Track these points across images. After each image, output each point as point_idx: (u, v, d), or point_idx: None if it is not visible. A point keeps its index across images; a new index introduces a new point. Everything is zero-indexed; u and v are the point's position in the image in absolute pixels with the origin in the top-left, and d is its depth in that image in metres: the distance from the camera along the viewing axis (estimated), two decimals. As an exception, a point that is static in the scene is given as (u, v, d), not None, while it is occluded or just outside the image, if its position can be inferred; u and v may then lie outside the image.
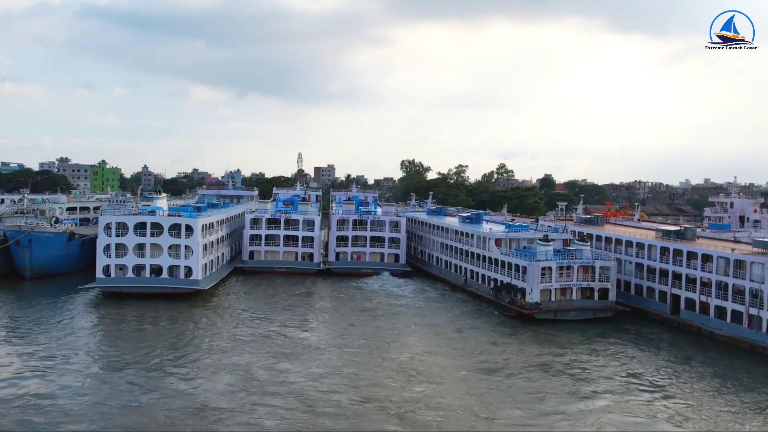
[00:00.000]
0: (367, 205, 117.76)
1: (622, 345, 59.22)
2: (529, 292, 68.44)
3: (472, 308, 73.33)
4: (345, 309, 70.69)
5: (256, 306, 71.38)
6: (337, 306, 72.78)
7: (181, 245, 76.14)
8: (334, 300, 76.56)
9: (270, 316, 66.10)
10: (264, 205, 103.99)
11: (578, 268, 69.67)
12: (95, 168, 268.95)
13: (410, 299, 77.56)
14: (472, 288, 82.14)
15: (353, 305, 72.97)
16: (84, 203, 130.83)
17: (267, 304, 72.30)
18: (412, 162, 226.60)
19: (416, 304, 74.36)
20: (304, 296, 78.30)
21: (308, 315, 67.70)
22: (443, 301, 77.76)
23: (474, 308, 73.47)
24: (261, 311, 68.49)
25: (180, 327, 61.19)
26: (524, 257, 70.53)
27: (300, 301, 74.88)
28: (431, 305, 74.28)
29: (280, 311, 68.64)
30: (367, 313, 68.69)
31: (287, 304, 72.36)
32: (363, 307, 71.86)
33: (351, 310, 69.96)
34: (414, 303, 75.36)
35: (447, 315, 69.52)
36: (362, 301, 75.29)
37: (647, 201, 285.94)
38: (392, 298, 77.86)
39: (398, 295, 79.53)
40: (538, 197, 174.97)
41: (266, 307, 70.52)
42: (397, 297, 78.49)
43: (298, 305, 72.26)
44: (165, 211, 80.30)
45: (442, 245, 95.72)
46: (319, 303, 74.69)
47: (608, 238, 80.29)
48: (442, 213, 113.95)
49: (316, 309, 71.10)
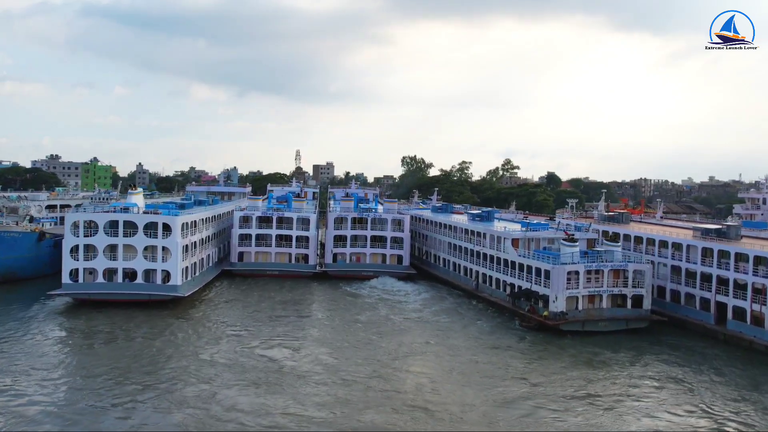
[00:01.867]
0: (367, 202, 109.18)
1: (667, 364, 50.49)
2: (552, 300, 59.82)
3: (487, 319, 64.49)
4: (341, 321, 61.60)
5: (239, 317, 62.47)
6: (332, 317, 63.69)
7: (157, 246, 67.47)
8: (330, 309, 67.52)
9: (254, 330, 57.13)
10: (255, 202, 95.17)
11: (609, 272, 61.10)
12: (87, 165, 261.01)
13: (416, 308, 68.77)
14: (485, 294, 73.50)
15: (351, 316, 64.04)
16: (65, 201, 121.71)
17: (253, 315, 63.42)
18: (413, 158, 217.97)
19: (423, 315, 65.47)
20: (296, 304, 69.43)
21: (298, 330, 58.07)
22: (454, 310, 68.68)
23: (490, 319, 64.65)
24: (244, 324, 59.61)
25: (149, 344, 52.24)
26: (547, 260, 61.91)
27: (291, 311, 65.94)
28: (440, 316, 65.31)
29: (267, 324, 59.63)
30: (367, 327, 59.64)
31: (276, 315, 63.46)
32: (362, 319, 62.83)
33: (348, 324, 60.89)
34: (420, 313, 66.53)
35: (459, 328, 60.59)
36: (361, 311, 66.45)
37: (653, 199, 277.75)
38: (395, 307, 69.10)
39: (402, 303, 70.86)
40: (547, 194, 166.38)
41: (251, 319, 61.59)
42: (401, 305, 69.76)
43: (288, 316, 63.28)
44: (141, 208, 71.58)
45: (450, 245, 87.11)
46: (313, 313, 65.70)
47: (638, 238, 71.55)
48: (448, 210, 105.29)
49: (309, 321, 61.93)
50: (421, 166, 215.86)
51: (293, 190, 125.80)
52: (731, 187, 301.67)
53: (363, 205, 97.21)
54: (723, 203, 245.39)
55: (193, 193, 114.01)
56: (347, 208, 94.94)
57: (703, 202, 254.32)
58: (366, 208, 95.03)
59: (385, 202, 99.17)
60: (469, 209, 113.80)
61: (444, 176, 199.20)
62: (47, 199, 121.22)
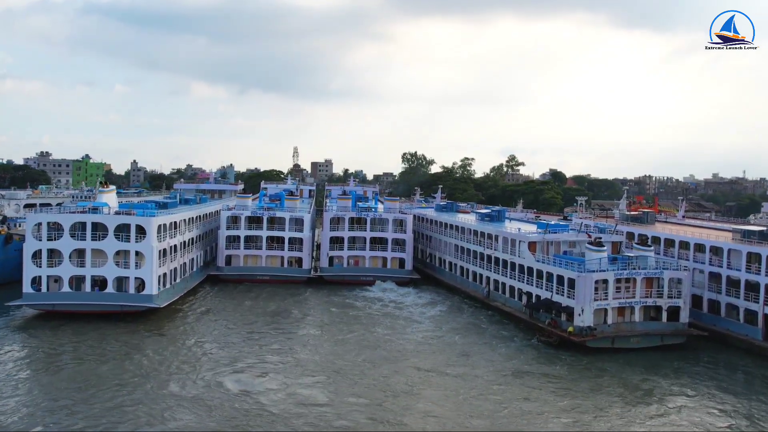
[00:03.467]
0: (367, 200, 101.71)
1: (722, 390, 43.05)
2: (578, 313, 52.35)
3: (502, 335, 56.86)
4: (335, 341, 53.38)
5: (221, 334, 54.57)
6: (325, 335, 55.55)
7: (130, 251, 59.93)
8: (324, 324, 59.36)
9: (235, 352, 49.04)
10: (244, 200, 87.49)
11: (642, 280, 53.70)
12: (78, 163, 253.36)
13: (421, 321, 61.03)
14: (498, 302, 66.04)
15: (347, 332, 56.24)
16: (46, 199, 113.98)
17: (236, 331, 55.66)
18: (414, 155, 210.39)
19: (429, 331, 57.55)
20: (287, 317, 61.51)
21: (286, 353, 49.36)
22: (464, 323, 60.74)
23: (505, 334, 57.08)
24: (225, 342, 51.75)
25: (116, 368, 44.68)
26: (571, 266, 54.43)
27: (280, 326, 58.11)
28: (449, 331, 57.47)
29: (251, 343, 51.67)
30: (364, 346, 51.63)
31: (262, 331, 55.70)
32: (359, 336, 54.92)
33: (343, 342, 52.93)
34: (426, 326, 58.86)
35: (472, 347, 52.92)
36: (358, 325, 58.77)
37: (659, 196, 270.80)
38: (398, 321, 61.29)
39: (406, 316, 63.00)
40: (555, 191, 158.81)
41: (234, 336, 53.81)
42: (403, 319, 61.95)
43: (275, 332, 55.51)
44: (114, 207, 64.06)
45: (457, 248, 79.63)
46: (304, 329, 57.54)
47: (668, 241, 63.98)
48: (453, 209, 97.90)
49: (299, 340, 53.62)
50: (422, 162, 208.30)
51: (288, 187, 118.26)
52: (738, 184, 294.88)
53: (362, 204, 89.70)
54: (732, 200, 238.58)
55: (179, 191, 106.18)
56: (344, 207, 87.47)
57: (710, 199, 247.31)
58: (365, 207, 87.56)
59: (386, 201, 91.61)
60: (475, 208, 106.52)
61: (446, 173, 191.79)
62: (27, 198, 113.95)
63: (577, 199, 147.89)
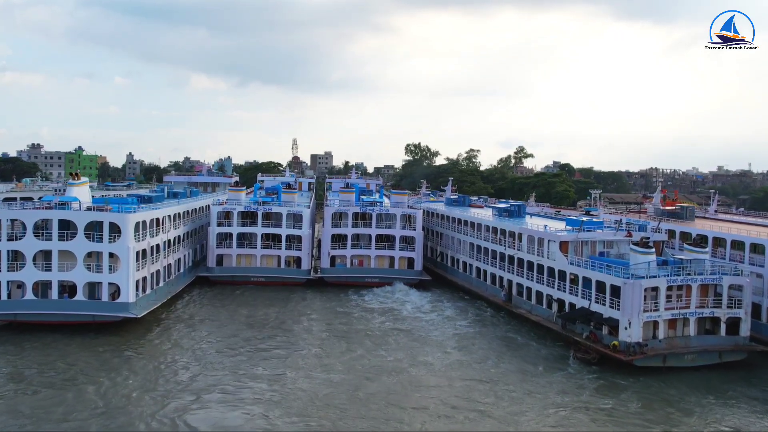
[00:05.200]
0: (371, 193, 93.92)
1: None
2: (624, 327, 44.64)
3: (531, 349, 49.02)
4: (334, 363, 45.06)
5: (204, 352, 46.41)
6: (323, 353, 47.26)
7: (103, 253, 52.23)
8: (323, 339, 51.29)
9: (218, 376, 41.07)
10: (237, 194, 79.56)
11: (698, 287, 46.00)
12: (71, 155, 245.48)
13: (437, 334, 53.07)
14: (521, 309, 58.40)
15: (350, 346, 48.42)
16: (28, 193, 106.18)
17: (222, 347, 47.57)
18: (418, 146, 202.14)
19: (449, 347, 49.24)
20: (282, 329, 53.45)
21: (271, 379, 40.86)
22: (489, 338, 52.50)
23: (534, 349, 49.40)
24: (208, 362, 43.79)
25: (80, 395, 37.30)
26: (615, 271, 46.66)
27: (272, 338, 50.43)
28: (471, 348, 49.56)
29: (238, 364, 43.54)
30: (369, 372, 43.16)
31: (252, 349, 47.68)
32: (362, 357, 46.31)
33: (347, 362, 44.75)
34: (444, 342, 50.67)
35: (497, 367, 45.31)
36: (364, 338, 50.95)
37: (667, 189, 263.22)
38: (410, 332, 53.44)
39: (418, 326, 55.23)
40: (568, 184, 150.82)
41: (219, 354, 45.82)
42: (417, 331, 53.96)
43: (265, 349, 47.49)
44: (87, 202, 56.21)
45: (472, 247, 71.90)
46: (298, 345, 49.33)
47: (717, 239, 56.09)
48: (465, 203, 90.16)
49: (290, 361, 44.78)
50: (427, 154, 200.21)
51: (286, 180, 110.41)
52: (746, 176, 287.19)
53: (366, 198, 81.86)
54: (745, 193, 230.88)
55: (168, 184, 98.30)
56: (347, 201, 79.72)
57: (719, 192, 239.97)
58: (370, 201, 79.76)
59: (393, 194, 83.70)
60: (488, 202, 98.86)
61: (452, 165, 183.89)
62: (6, 192, 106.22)
63: (590, 192, 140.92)
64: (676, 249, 58.96)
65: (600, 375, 42.84)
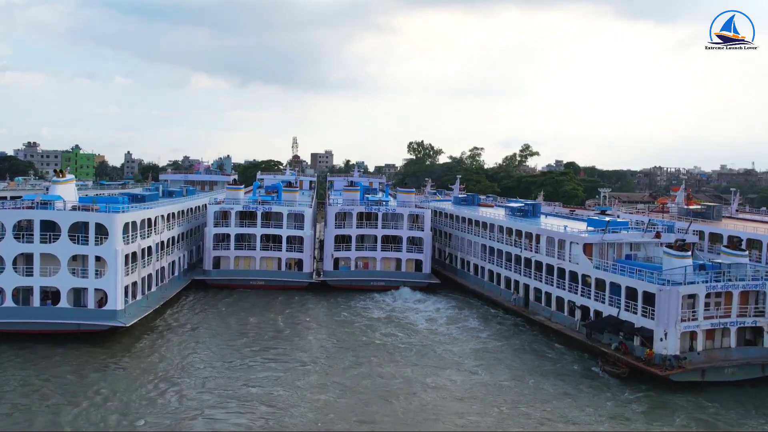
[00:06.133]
0: (375, 192, 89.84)
1: None
2: (660, 337, 40.61)
3: (559, 364, 44.77)
4: (339, 374, 41.25)
5: (195, 366, 42.29)
6: (327, 365, 43.15)
7: (88, 256, 48.21)
8: (325, 351, 46.96)
9: (206, 395, 36.98)
10: (235, 193, 75.46)
11: (738, 294, 41.99)
12: (67, 154, 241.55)
13: (452, 346, 48.71)
14: (540, 316, 54.38)
15: (355, 361, 43.95)
16: (20, 192, 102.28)
17: (214, 361, 43.36)
18: (420, 144, 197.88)
19: (466, 361, 44.77)
20: (280, 339, 49.35)
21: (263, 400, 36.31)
22: (509, 351, 47.81)
23: (561, 361, 45.25)
24: (197, 378, 39.76)
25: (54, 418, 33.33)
26: (648, 276, 42.60)
27: (269, 350, 46.10)
28: (488, 357, 45.59)
29: (223, 381, 39.34)
30: (378, 387, 39.02)
31: (243, 361, 43.43)
32: (371, 369, 42.35)
33: (350, 381, 40.11)
34: (460, 355, 46.09)
35: (524, 382, 41.08)
36: (370, 352, 46.46)
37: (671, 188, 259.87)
38: (422, 345, 49.00)
39: (431, 338, 50.90)
40: (576, 183, 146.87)
41: (210, 369, 41.60)
42: (429, 343, 49.65)
43: (262, 362, 43.23)
44: (72, 201, 52.12)
45: (484, 249, 67.88)
46: (297, 359, 44.62)
47: (753, 241, 52.04)
48: (474, 203, 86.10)
49: (285, 379, 40.14)
50: (430, 152, 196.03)
51: (287, 178, 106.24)
52: (751, 175, 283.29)
53: (371, 197, 77.79)
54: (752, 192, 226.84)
55: (163, 183, 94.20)
56: (351, 200, 75.66)
57: (725, 191, 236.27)
58: (375, 200, 75.71)
59: (400, 193, 79.60)
60: (497, 201, 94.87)
61: (455, 163, 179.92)
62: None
63: (599, 191, 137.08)
64: (705, 251, 55.11)
65: (639, 392, 38.74)
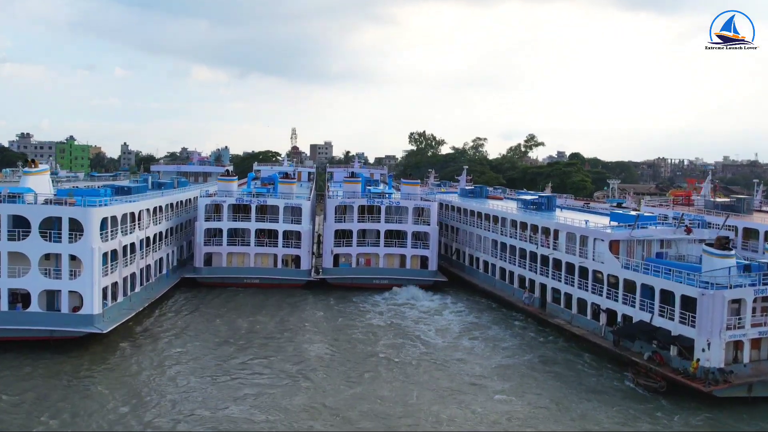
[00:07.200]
0: (377, 184, 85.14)
1: None
2: (702, 348, 35.99)
3: (577, 374, 40.36)
4: (335, 393, 36.38)
5: (171, 378, 37.69)
6: (322, 381, 38.24)
7: (62, 255, 43.52)
8: (321, 359, 42.29)
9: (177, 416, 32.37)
10: (228, 184, 70.62)
11: (789, 299, 37.40)
12: (62, 145, 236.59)
13: (464, 355, 44.05)
14: (559, 319, 49.76)
15: (354, 378, 39.05)
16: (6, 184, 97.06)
17: (196, 371, 38.99)
18: (422, 134, 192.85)
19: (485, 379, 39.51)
20: (274, 348, 44.63)
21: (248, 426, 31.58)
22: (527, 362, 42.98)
23: (580, 372, 40.75)
24: (178, 393, 35.26)
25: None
26: (688, 278, 37.93)
27: (258, 361, 41.46)
28: (512, 373, 40.65)
29: (207, 398, 34.89)
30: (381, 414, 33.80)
31: (232, 372, 39.01)
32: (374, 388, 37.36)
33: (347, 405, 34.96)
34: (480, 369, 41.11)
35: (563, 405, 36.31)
36: (371, 365, 41.42)
37: (676, 179, 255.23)
38: (432, 356, 44.21)
39: (441, 346, 46.28)
40: (584, 174, 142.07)
41: (190, 379, 37.22)
42: (440, 353, 45.04)
43: (250, 376, 38.54)
44: (46, 194, 47.27)
45: (495, 244, 63.22)
46: (290, 369, 39.96)
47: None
48: (482, 195, 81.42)
49: (275, 396, 35.55)
50: (432, 143, 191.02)
51: (284, 169, 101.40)
52: (757, 166, 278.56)
53: (373, 189, 73.08)
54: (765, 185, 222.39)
55: (153, 174, 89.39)
56: (352, 192, 70.96)
57: (731, 182, 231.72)
58: (378, 192, 71.01)
59: (404, 185, 74.79)
60: (507, 193, 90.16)
61: (458, 154, 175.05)
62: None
63: (608, 182, 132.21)
64: (739, 248, 50.45)
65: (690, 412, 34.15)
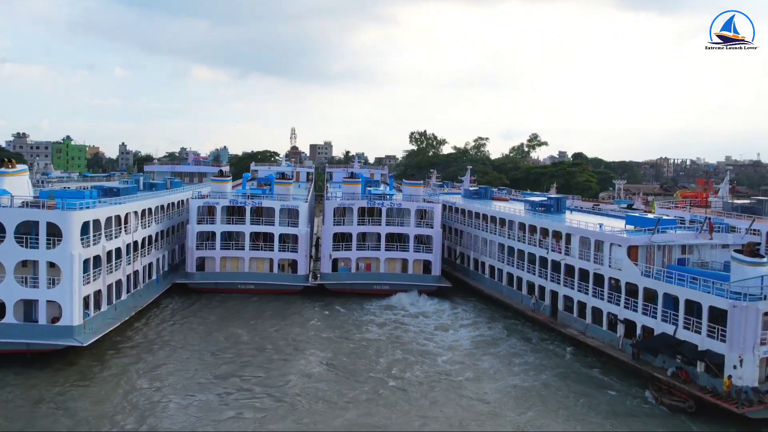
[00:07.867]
0: (377, 185, 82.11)
1: None
2: (734, 365, 32.96)
3: (595, 391, 37.37)
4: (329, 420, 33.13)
5: (149, 400, 34.50)
6: (315, 404, 35.08)
7: (39, 262, 40.51)
8: (315, 376, 39.25)
9: None
10: (222, 185, 67.52)
11: (826, 312, 34.31)
12: (58, 145, 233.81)
13: (476, 373, 40.83)
14: (572, 329, 46.71)
15: (351, 400, 35.72)
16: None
17: (174, 392, 35.78)
18: (423, 134, 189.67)
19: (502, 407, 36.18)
20: (257, 362, 41.78)
21: None
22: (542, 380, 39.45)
23: (598, 389, 37.76)
24: (146, 420, 32.11)
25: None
26: (718, 289, 34.87)
27: (245, 380, 38.25)
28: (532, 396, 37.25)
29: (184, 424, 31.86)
30: None
31: (215, 391, 35.99)
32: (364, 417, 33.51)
33: None
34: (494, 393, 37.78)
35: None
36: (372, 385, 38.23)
37: (679, 179, 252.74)
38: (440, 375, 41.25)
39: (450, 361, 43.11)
40: (590, 174, 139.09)
41: (164, 407, 33.80)
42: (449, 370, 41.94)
43: (233, 401, 35.16)
44: (25, 197, 44.23)
45: (502, 248, 60.19)
46: (282, 387, 37.07)
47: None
48: (487, 196, 78.41)
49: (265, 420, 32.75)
50: (433, 143, 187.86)
51: (281, 169, 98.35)
52: (759, 166, 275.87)
53: (374, 190, 69.96)
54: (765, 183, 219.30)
55: (145, 174, 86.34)
56: (352, 193, 67.95)
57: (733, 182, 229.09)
58: (378, 193, 67.89)
59: (405, 185, 71.70)
60: (512, 194, 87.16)
61: (460, 154, 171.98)
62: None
63: (614, 182, 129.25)
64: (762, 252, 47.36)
65: None
